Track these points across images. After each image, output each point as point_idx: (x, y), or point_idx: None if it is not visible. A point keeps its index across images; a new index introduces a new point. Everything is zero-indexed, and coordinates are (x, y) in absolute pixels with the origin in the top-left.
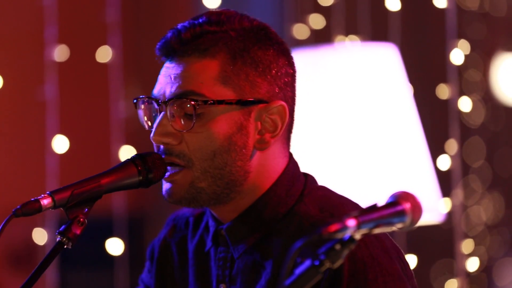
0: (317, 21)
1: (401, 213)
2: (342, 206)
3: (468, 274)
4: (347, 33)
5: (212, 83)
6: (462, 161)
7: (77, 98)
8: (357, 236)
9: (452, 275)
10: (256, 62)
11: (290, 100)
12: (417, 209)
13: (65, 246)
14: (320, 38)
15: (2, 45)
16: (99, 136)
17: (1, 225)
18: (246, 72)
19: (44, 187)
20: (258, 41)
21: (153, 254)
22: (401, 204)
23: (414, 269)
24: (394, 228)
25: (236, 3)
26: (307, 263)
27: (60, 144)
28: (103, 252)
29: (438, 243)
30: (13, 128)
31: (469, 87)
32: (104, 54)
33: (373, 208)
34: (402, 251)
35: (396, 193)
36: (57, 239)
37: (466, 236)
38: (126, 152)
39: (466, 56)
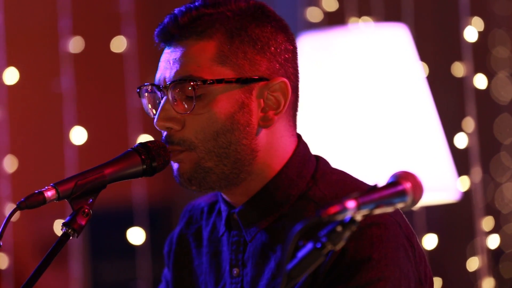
0: (330, 3)
1: (402, 193)
2: (358, 190)
3: (503, 251)
4: (360, 14)
5: (209, 64)
6: (494, 139)
7: (93, 89)
8: (358, 217)
9: (473, 253)
10: (254, 40)
11: (293, 77)
12: (418, 188)
13: (71, 237)
14: (334, 20)
15: (17, 39)
16: (116, 126)
17: (6, 218)
18: (244, 50)
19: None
20: (255, 19)
21: (171, 247)
22: (402, 184)
23: (435, 249)
24: (395, 208)
25: None
26: (309, 246)
27: (78, 135)
28: (125, 241)
29: (460, 221)
30: (30, 121)
31: (498, 64)
32: (119, 44)
33: (374, 189)
34: (415, 235)
35: (396, 173)
36: (63, 230)
37: (498, 213)
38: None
39: (494, 33)
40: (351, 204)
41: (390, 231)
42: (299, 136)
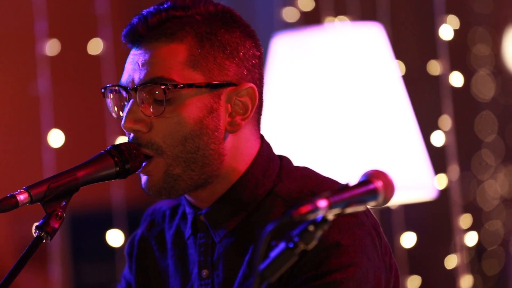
0: (306, 3)
1: (373, 192)
2: (322, 184)
3: (485, 249)
4: (336, 14)
5: (181, 67)
6: (474, 136)
7: (70, 92)
8: (330, 216)
9: (452, 251)
10: (224, 45)
11: (259, 82)
12: (389, 187)
13: (44, 241)
14: (310, 20)
15: None
16: (94, 128)
17: None
18: (214, 55)
19: None
20: (224, 24)
21: (132, 251)
22: (373, 182)
23: (414, 247)
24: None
25: None
26: (282, 245)
27: (56, 138)
28: (104, 244)
29: (438, 219)
30: (8, 124)
31: (478, 62)
32: (96, 46)
33: (345, 187)
34: (380, 226)
35: (368, 171)
36: (36, 234)
37: (480, 210)
38: None
39: (474, 31)
40: (322, 203)
41: (357, 219)
42: (262, 137)
